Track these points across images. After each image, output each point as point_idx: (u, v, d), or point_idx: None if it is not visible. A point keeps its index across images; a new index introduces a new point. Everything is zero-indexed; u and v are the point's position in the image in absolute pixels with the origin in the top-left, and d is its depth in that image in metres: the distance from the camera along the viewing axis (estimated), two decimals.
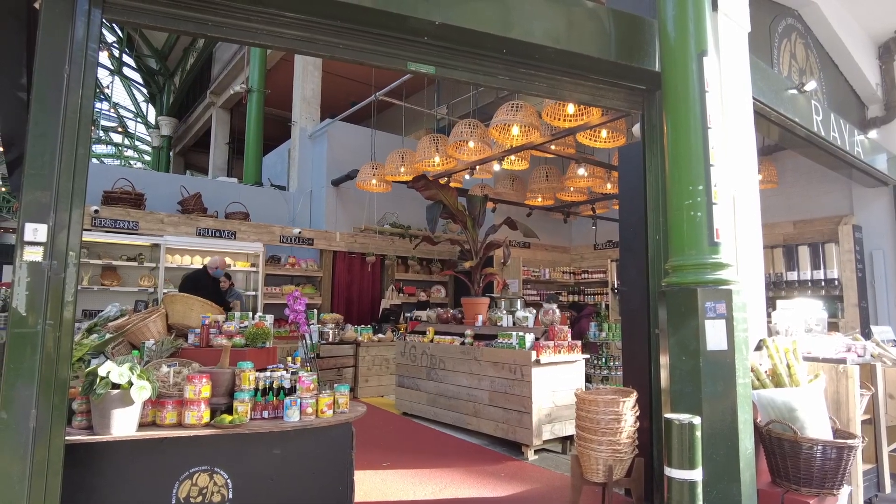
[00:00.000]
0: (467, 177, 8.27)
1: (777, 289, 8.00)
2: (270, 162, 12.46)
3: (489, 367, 5.51)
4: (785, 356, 3.45)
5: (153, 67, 18.99)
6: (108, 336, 3.68)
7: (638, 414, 3.43)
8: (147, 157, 26.57)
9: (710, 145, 3.21)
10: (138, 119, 23.57)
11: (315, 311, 8.40)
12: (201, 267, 7.32)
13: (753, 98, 4.28)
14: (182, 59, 17.46)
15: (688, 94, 3.27)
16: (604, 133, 6.61)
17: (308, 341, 5.48)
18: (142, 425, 2.76)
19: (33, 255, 2.40)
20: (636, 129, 4.50)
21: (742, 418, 3.01)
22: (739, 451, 2.96)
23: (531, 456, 5.03)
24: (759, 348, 3.70)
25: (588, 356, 5.76)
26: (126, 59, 19.60)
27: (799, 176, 8.26)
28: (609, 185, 8.75)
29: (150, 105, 21.72)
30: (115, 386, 2.61)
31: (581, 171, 7.67)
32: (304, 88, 11.10)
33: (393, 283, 10.42)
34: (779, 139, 5.71)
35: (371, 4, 2.97)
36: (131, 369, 2.67)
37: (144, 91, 21.23)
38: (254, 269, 8.87)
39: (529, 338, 5.27)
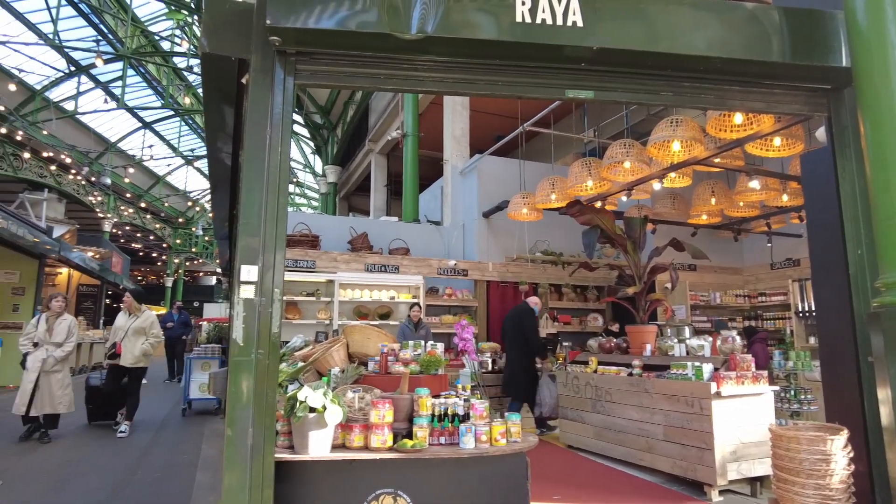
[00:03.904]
0: (623, 198, 7.97)
1: None
2: (425, 199, 13.18)
3: (662, 399, 5.17)
4: None
5: (318, 122, 21.23)
6: (300, 364, 4.08)
7: (851, 455, 2.98)
8: (315, 203, 29.56)
9: None
10: (307, 169, 26.45)
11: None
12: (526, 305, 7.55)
13: None
14: (343, 113, 19.31)
15: (891, 87, 2.87)
16: (777, 141, 6.02)
17: (472, 369, 5.60)
18: (333, 447, 2.98)
19: (247, 292, 2.78)
20: (820, 132, 4.06)
21: None
22: None
23: (715, 497, 4.59)
24: None
25: (776, 388, 5.17)
26: (295, 117, 22.18)
27: None
28: (785, 197, 7.90)
29: (316, 156, 24.25)
30: (312, 410, 2.88)
31: (753, 184, 6.98)
32: (454, 128, 11.63)
33: (547, 311, 10.29)
34: None
35: (527, 39, 3.03)
36: (325, 395, 2.94)
37: (311, 144, 23.80)
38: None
39: (707, 368, 4.87)
